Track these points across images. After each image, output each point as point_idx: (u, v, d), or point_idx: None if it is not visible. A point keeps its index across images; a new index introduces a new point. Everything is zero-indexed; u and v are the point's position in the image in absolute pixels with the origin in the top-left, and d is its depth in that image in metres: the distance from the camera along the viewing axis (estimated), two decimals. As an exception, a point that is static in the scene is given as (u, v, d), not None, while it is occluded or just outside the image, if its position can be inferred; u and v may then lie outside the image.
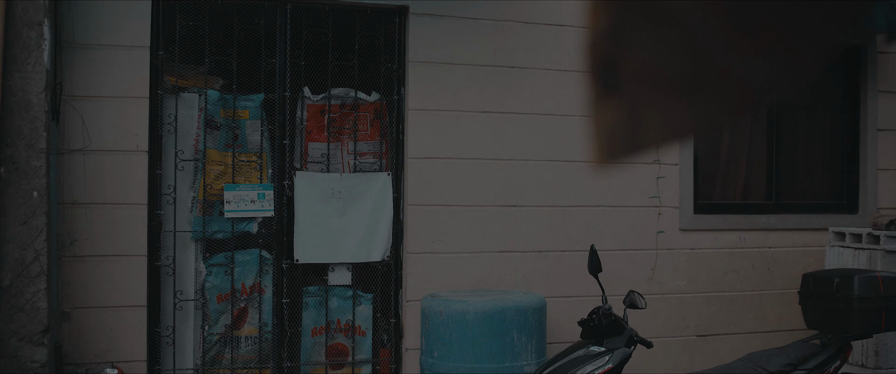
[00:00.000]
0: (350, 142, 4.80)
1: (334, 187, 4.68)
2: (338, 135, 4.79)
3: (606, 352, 3.73)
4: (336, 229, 4.67)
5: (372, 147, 4.85)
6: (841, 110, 5.89)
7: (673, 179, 5.26)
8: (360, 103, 4.80)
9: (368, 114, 4.83)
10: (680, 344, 5.31)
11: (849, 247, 5.09)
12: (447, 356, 4.15)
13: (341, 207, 4.69)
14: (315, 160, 4.75)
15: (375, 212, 4.75)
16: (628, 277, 5.15)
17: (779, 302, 5.51)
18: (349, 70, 4.75)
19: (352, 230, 4.71)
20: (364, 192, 4.73)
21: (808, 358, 4.05)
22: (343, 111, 4.78)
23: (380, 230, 4.76)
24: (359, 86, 4.78)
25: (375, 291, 4.84)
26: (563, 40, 5.01)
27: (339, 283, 4.74)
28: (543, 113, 4.99)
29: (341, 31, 4.72)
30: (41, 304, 3.90)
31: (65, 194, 4.23)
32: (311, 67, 4.71)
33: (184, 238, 4.52)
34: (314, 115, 4.71)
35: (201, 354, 4.55)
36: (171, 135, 4.48)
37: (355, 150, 4.80)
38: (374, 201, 4.75)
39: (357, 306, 4.78)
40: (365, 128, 4.83)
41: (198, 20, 4.46)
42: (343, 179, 4.70)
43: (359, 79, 4.77)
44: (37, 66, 3.90)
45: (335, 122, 4.77)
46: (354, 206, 4.70)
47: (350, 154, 4.80)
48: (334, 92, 4.75)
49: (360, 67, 4.77)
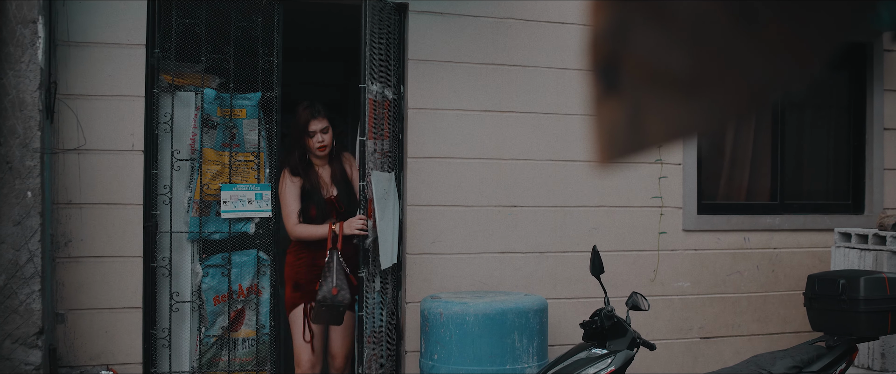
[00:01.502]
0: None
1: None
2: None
3: (609, 354, 3.73)
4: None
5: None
6: (847, 109, 5.89)
7: (676, 179, 5.26)
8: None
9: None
10: (683, 346, 5.30)
11: (855, 248, 5.09)
12: (447, 358, 4.15)
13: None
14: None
15: (385, 215, 4.69)
16: (631, 278, 5.15)
17: (783, 304, 5.51)
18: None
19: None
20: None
21: (814, 361, 4.05)
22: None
23: (387, 236, 4.51)
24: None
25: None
26: (564, 38, 5.01)
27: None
28: (545, 112, 4.99)
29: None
30: (35, 306, 3.90)
31: (59, 195, 4.23)
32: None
33: (180, 239, 4.52)
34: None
35: (198, 356, 4.55)
36: (167, 134, 4.48)
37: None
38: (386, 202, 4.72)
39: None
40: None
41: (194, 18, 4.46)
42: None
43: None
44: (31, 64, 3.90)
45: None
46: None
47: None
48: (333, 91, 4.75)
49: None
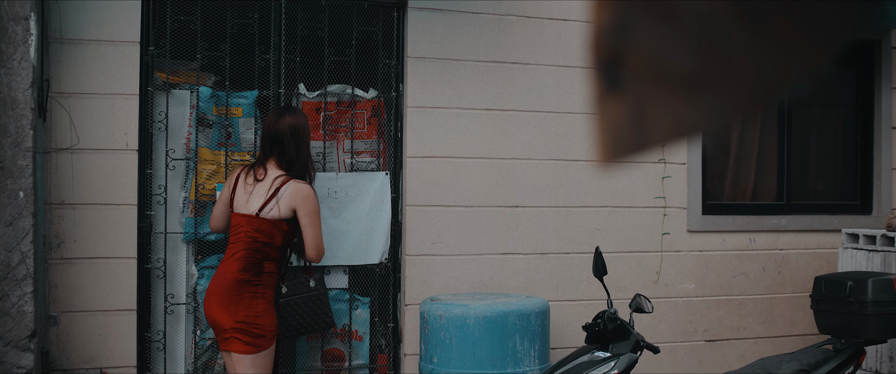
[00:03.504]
0: (346, 140, 4.80)
1: (330, 187, 4.67)
2: (334, 133, 4.79)
3: (612, 358, 3.73)
4: (332, 231, 4.66)
5: (369, 146, 4.85)
6: (854, 108, 5.89)
7: (680, 179, 5.26)
8: (357, 100, 4.80)
9: (366, 111, 4.83)
10: (687, 349, 5.31)
11: (862, 249, 5.09)
12: (447, 361, 4.15)
13: (337, 207, 4.69)
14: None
15: (373, 212, 4.75)
16: (634, 280, 5.15)
17: (790, 306, 5.52)
18: (346, 66, 4.75)
19: (348, 232, 4.72)
20: (361, 192, 4.73)
21: (821, 364, 4.05)
22: (339, 109, 4.78)
23: (378, 232, 4.76)
24: (356, 82, 4.78)
25: (373, 294, 4.84)
26: (566, 36, 5.01)
27: (335, 286, 4.74)
28: (546, 111, 4.99)
29: (337, 25, 4.72)
30: (27, 308, 3.89)
31: (52, 195, 4.23)
32: (307, 63, 4.71)
33: (175, 240, 4.52)
34: (309, 112, 4.71)
35: (193, 359, 4.55)
36: (161, 133, 4.48)
37: (352, 148, 4.80)
38: (371, 201, 4.75)
39: (354, 310, 4.78)
40: (362, 126, 4.83)
41: (190, 14, 4.46)
42: (339, 178, 4.70)
43: (356, 75, 4.77)
44: (23, 62, 3.90)
45: (331, 119, 4.77)
46: (351, 206, 4.70)
47: (346, 153, 4.80)
48: (330, 89, 4.75)
49: (357, 63, 4.77)
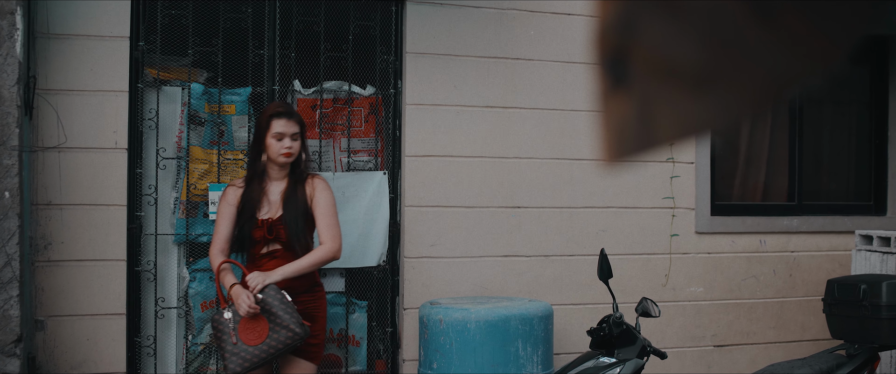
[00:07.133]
0: (343, 139, 4.80)
1: (326, 187, 4.67)
2: (330, 131, 4.79)
3: (617, 363, 3.73)
4: (329, 232, 4.66)
5: (366, 144, 4.85)
6: (867, 105, 5.89)
7: (688, 179, 5.26)
8: (354, 98, 4.80)
9: (363, 109, 4.84)
10: (696, 355, 5.31)
11: (876, 251, 5.09)
12: (447, 367, 4.15)
13: (334, 208, 4.69)
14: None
15: (371, 213, 4.75)
16: (641, 283, 5.15)
17: (801, 310, 5.52)
18: (342, 62, 4.75)
19: (345, 233, 4.71)
20: (358, 192, 4.74)
21: (833, 370, 4.05)
22: (336, 106, 4.78)
23: (375, 233, 4.76)
24: (353, 79, 4.78)
25: (371, 298, 4.84)
26: (570, 31, 5.01)
27: (331, 289, 4.74)
28: (549, 108, 4.99)
29: (334, 20, 4.72)
30: (13, 312, 3.89)
31: (39, 195, 4.23)
32: (302, 59, 4.71)
33: (166, 242, 4.52)
34: (305, 110, 4.71)
35: (184, 364, 4.55)
36: (152, 131, 4.48)
37: (349, 147, 4.80)
38: (368, 201, 4.75)
39: (351, 314, 4.78)
40: (359, 124, 4.83)
41: (181, 9, 4.46)
42: (335, 178, 4.70)
43: (353, 72, 4.77)
44: (8, 57, 3.90)
45: (327, 117, 4.77)
46: (348, 207, 4.70)
47: (343, 152, 4.81)
48: (326, 86, 4.75)
49: (354, 59, 4.77)
